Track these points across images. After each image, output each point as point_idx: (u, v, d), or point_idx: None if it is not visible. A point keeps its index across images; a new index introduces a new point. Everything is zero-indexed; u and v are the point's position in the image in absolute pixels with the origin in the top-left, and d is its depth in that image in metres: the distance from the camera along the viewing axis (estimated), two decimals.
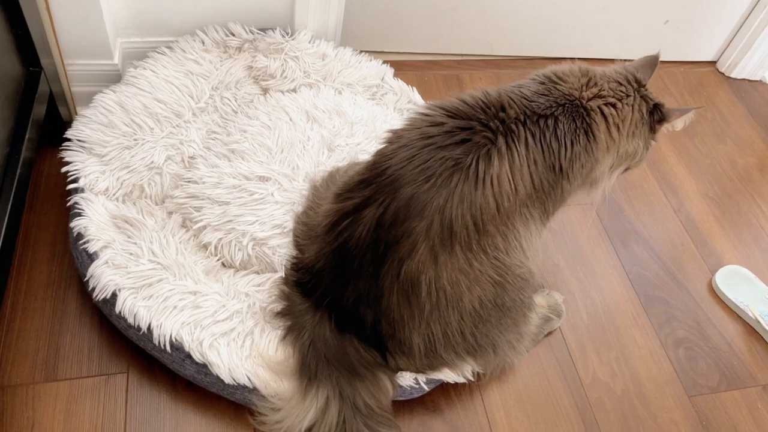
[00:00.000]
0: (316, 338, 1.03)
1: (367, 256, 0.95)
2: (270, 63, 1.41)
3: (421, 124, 0.97)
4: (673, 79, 1.90)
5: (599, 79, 1.04)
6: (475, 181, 0.92)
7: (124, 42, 1.42)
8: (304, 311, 1.05)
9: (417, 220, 0.92)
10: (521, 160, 0.95)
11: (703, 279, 1.43)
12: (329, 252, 1.00)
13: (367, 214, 0.94)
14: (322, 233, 1.01)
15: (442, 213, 0.92)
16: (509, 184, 0.95)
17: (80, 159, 1.21)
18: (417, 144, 0.94)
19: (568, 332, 1.29)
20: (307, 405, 1.00)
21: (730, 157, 1.71)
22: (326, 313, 1.03)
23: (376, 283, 0.96)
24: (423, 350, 1.03)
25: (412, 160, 0.93)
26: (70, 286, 1.18)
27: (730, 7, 1.82)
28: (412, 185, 0.92)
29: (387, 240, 0.93)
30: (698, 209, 1.57)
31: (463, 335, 1.02)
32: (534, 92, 1.01)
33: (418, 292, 0.96)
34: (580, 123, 1.00)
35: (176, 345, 1.03)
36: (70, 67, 1.35)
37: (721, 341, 1.33)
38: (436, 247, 0.93)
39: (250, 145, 1.25)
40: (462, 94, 0.99)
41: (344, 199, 0.99)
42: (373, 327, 1.01)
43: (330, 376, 1.01)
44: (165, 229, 1.17)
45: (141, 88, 1.31)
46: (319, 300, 1.03)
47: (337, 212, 0.99)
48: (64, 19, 1.27)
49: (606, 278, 1.39)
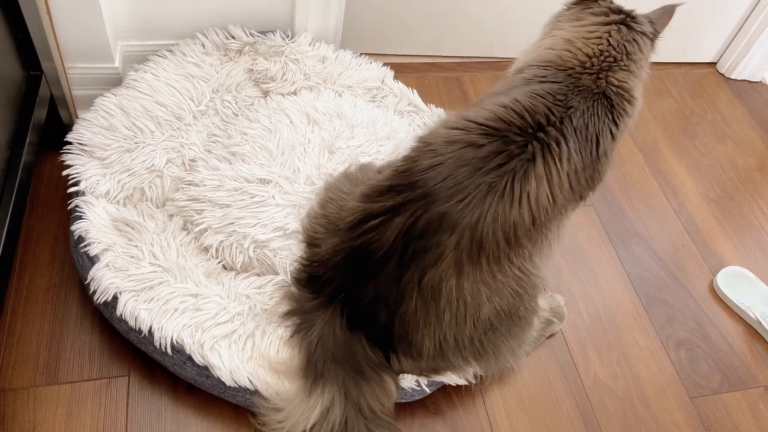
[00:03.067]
0: (326, 334, 1.03)
1: (393, 260, 0.96)
2: (270, 66, 1.42)
3: (457, 141, 0.96)
4: (673, 81, 1.90)
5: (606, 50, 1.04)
6: (510, 200, 0.93)
7: (125, 45, 1.42)
8: (314, 307, 1.05)
9: (447, 234, 0.93)
10: (561, 174, 0.96)
11: (704, 280, 1.43)
12: (350, 248, 1.00)
13: (397, 220, 0.95)
14: (345, 228, 1.02)
15: (473, 230, 0.93)
16: (548, 198, 0.96)
17: (81, 162, 1.21)
18: (451, 164, 0.94)
19: (570, 334, 1.28)
20: (312, 403, 1.00)
21: (730, 158, 1.71)
22: (338, 308, 1.03)
23: (398, 286, 0.97)
24: (432, 354, 1.03)
25: (446, 180, 0.94)
26: (71, 289, 1.18)
27: (729, 8, 1.82)
28: (445, 203, 0.93)
29: (415, 248, 0.95)
30: (699, 210, 1.57)
31: (471, 341, 1.03)
32: (558, 89, 1.00)
33: (438, 299, 0.97)
34: (607, 107, 1.01)
35: (177, 347, 1.03)
36: (71, 71, 1.35)
37: (723, 342, 1.33)
38: (462, 260, 0.95)
39: (250, 147, 1.25)
40: (496, 108, 0.98)
41: (373, 201, 0.99)
42: (385, 326, 1.01)
43: (337, 376, 1.01)
44: (166, 232, 1.17)
45: (141, 91, 1.31)
46: (333, 294, 1.03)
47: (364, 212, 0.99)
48: (65, 23, 1.27)
49: (607, 279, 1.39)
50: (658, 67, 1.93)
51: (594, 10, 1.09)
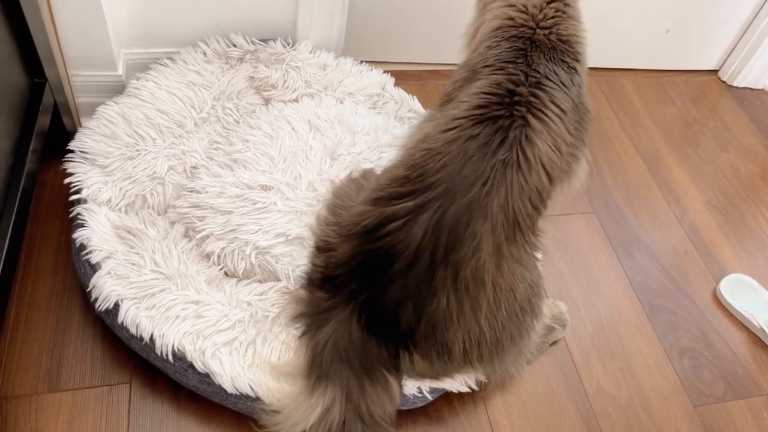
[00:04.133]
0: (338, 334, 1.02)
1: (423, 258, 0.97)
2: (271, 73, 1.42)
3: (457, 138, 1.00)
4: (675, 88, 1.90)
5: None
6: (528, 167, 0.98)
7: (128, 53, 1.42)
8: (328, 307, 1.04)
9: (480, 221, 0.96)
10: (554, 121, 1.02)
11: (707, 287, 1.42)
12: (369, 251, 1.00)
13: (423, 218, 0.97)
14: (359, 232, 1.02)
15: (505, 209, 0.97)
16: (554, 151, 1.01)
17: (83, 170, 1.22)
18: (460, 159, 0.98)
19: (572, 342, 1.28)
20: (314, 403, 0.99)
21: (732, 166, 1.71)
22: (357, 309, 1.02)
23: (429, 284, 0.98)
24: (461, 351, 1.03)
25: (462, 173, 0.97)
26: (73, 296, 1.18)
27: (731, 16, 1.82)
28: (469, 192, 0.96)
29: (447, 243, 0.96)
30: (701, 217, 1.56)
31: (503, 328, 1.04)
32: (518, 52, 1.07)
33: (478, 291, 0.99)
34: (564, 54, 1.10)
35: (178, 355, 1.03)
36: (74, 79, 1.36)
37: (726, 350, 1.32)
38: (501, 243, 0.98)
39: (252, 154, 1.25)
40: (470, 98, 1.04)
41: (389, 205, 1.00)
42: (408, 327, 1.01)
43: (341, 377, 1.01)
44: (167, 239, 1.17)
45: (143, 99, 1.31)
46: (352, 295, 1.02)
47: (381, 215, 1.00)
48: (69, 31, 1.28)
49: (609, 287, 1.39)
50: (659, 74, 1.94)
51: None
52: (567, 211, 1.51)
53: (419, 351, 1.04)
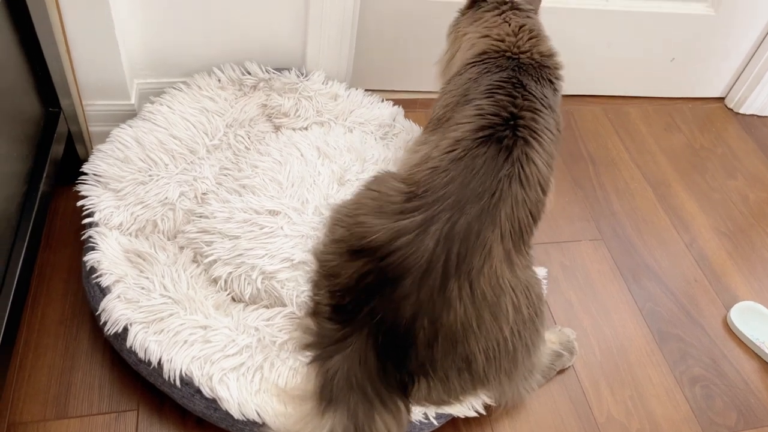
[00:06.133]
0: (352, 361, 1.01)
1: (435, 270, 0.98)
2: (284, 102, 1.44)
3: (462, 157, 1.06)
4: (682, 116, 1.91)
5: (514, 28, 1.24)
6: (527, 182, 1.06)
7: (141, 83, 1.45)
8: (340, 338, 1.03)
9: (490, 230, 1.01)
10: (546, 141, 1.11)
11: (717, 315, 1.41)
12: (380, 268, 1.00)
13: (433, 228, 0.99)
14: (366, 248, 1.02)
15: (512, 220, 1.03)
16: (546, 167, 1.10)
17: (96, 194, 1.23)
18: (467, 173, 1.04)
19: (581, 369, 1.27)
20: (321, 425, 0.98)
21: (741, 192, 1.70)
22: (371, 332, 1.01)
23: (443, 296, 0.98)
24: (483, 363, 1.03)
25: (470, 186, 1.03)
26: (82, 322, 1.19)
27: (736, 43, 1.84)
28: (478, 202, 1.02)
29: (459, 253, 0.98)
30: (711, 244, 1.56)
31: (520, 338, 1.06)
32: (507, 75, 1.16)
33: (496, 298, 1.00)
34: (547, 74, 1.21)
35: (186, 380, 1.03)
36: (88, 108, 1.39)
37: (738, 379, 1.30)
38: (510, 251, 1.03)
39: (261, 180, 1.27)
40: (474, 119, 1.11)
41: (394, 219, 1.02)
42: (427, 344, 1.00)
43: (349, 402, 0.99)
44: (177, 264, 1.18)
45: (157, 123, 1.33)
46: (366, 318, 1.01)
47: (389, 230, 1.01)
48: (84, 61, 1.31)
49: (618, 314, 1.38)
50: (666, 102, 1.95)
51: (486, 7, 1.28)
52: (575, 238, 1.51)
53: (438, 372, 1.03)
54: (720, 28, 1.79)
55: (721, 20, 1.77)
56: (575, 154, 1.73)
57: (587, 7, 1.69)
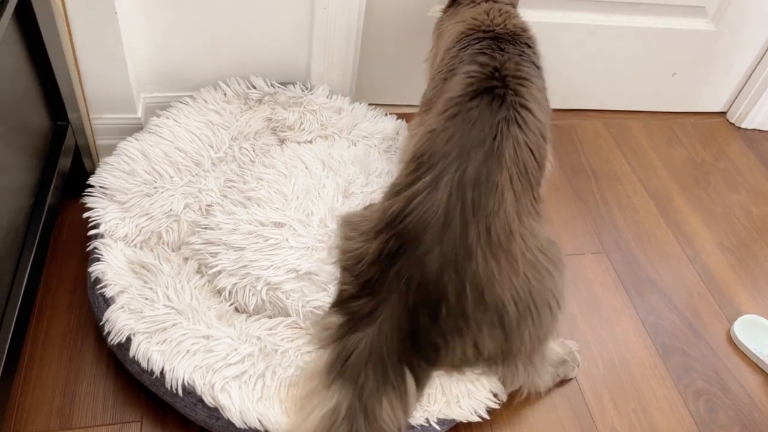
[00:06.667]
0: (381, 330, 1.01)
1: (454, 219, 1.00)
2: (289, 115, 1.46)
3: (457, 114, 1.08)
4: (684, 130, 1.92)
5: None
6: (526, 125, 1.07)
7: (147, 96, 1.47)
8: (370, 309, 1.03)
9: (498, 172, 1.02)
10: (535, 89, 1.13)
11: (721, 329, 1.41)
12: (398, 233, 1.02)
13: (445, 179, 1.01)
14: (386, 223, 1.04)
15: (516, 162, 1.04)
16: (542, 113, 1.12)
17: (102, 205, 1.25)
18: (466, 126, 1.05)
19: (584, 382, 1.27)
20: (329, 395, 0.99)
21: (744, 207, 1.71)
22: (402, 294, 1.01)
23: (465, 244, 0.99)
24: (514, 313, 1.03)
25: (471, 134, 1.04)
26: (87, 334, 1.20)
27: (737, 58, 1.85)
28: (482, 147, 1.03)
29: (473, 198, 1.00)
30: (714, 258, 1.56)
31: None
32: (488, 43, 1.19)
33: (509, 245, 1.01)
34: (524, 40, 1.23)
35: (188, 389, 1.03)
36: (95, 121, 1.40)
37: (742, 392, 1.30)
38: (519, 195, 1.04)
39: (266, 192, 1.28)
40: (463, 78, 1.13)
41: (407, 189, 1.03)
42: (457, 297, 1.00)
43: (357, 380, 1.00)
44: (180, 275, 1.19)
45: (163, 136, 1.35)
46: (394, 281, 1.02)
47: (403, 199, 1.03)
48: (92, 76, 1.33)
49: (622, 328, 1.38)
50: (668, 116, 1.96)
51: (465, 2, 1.32)
52: (577, 251, 1.52)
53: (471, 327, 1.02)
54: (721, 43, 1.80)
55: (722, 36, 1.79)
56: (578, 168, 1.74)
57: (589, 23, 1.71)
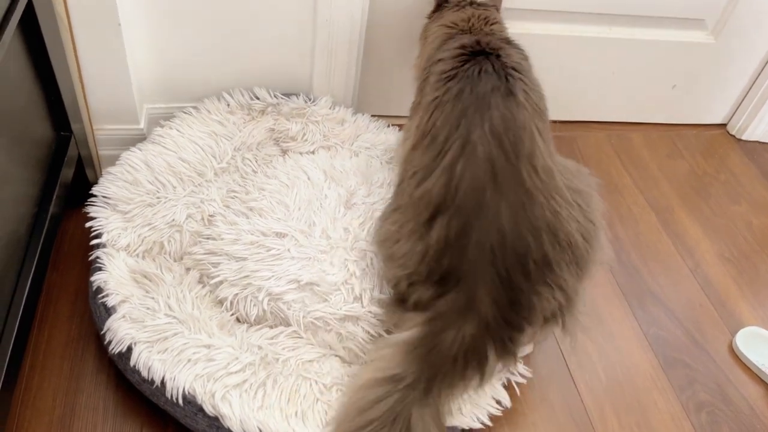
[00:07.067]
0: (478, 313, 0.99)
1: (503, 167, 0.99)
2: (292, 126, 1.47)
3: (456, 75, 1.09)
4: (685, 142, 1.92)
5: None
6: (528, 80, 1.09)
7: (150, 107, 1.48)
8: (462, 302, 1.00)
9: (520, 110, 1.03)
10: (524, 63, 1.15)
11: (723, 341, 1.40)
12: (458, 206, 0.99)
13: (475, 137, 1.00)
14: (438, 203, 1.01)
15: (530, 100, 1.05)
16: (536, 83, 1.13)
17: (104, 215, 1.25)
18: (469, 82, 1.06)
19: (586, 394, 1.26)
20: (403, 363, 0.98)
21: (745, 218, 1.71)
22: (489, 265, 0.98)
23: (524, 188, 0.99)
24: (583, 244, 1.03)
25: (477, 87, 1.04)
26: (88, 344, 1.20)
27: (737, 71, 1.86)
28: (497, 92, 1.03)
29: (510, 140, 1.00)
30: (715, 270, 1.56)
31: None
32: (469, 37, 1.20)
33: (554, 179, 1.03)
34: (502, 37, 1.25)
35: (189, 398, 1.03)
36: (98, 132, 1.41)
37: (744, 405, 1.29)
38: (541, 130, 1.05)
39: (268, 202, 1.28)
40: (444, 59, 1.15)
41: (436, 157, 1.03)
42: (538, 246, 0.99)
43: (435, 366, 0.98)
44: (182, 285, 1.19)
45: (166, 147, 1.36)
46: (476, 256, 0.98)
47: (444, 172, 1.01)
48: (95, 87, 1.34)
49: (624, 339, 1.37)
50: (668, 128, 1.97)
51: (448, 7, 1.34)
52: None
53: (554, 270, 1.01)
54: (720, 56, 1.81)
55: (721, 48, 1.80)
56: None
57: (590, 35, 1.72)
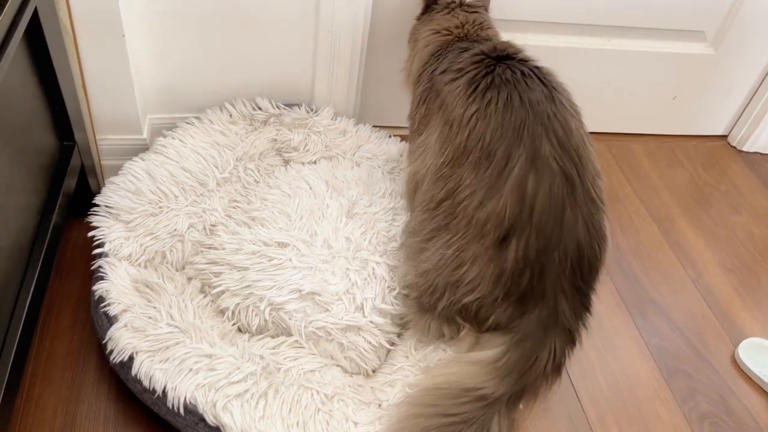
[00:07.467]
0: (563, 322, 1.06)
1: (576, 182, 1.05)
2: (294, 136, 1.47)
3: (491, 83, 1.11)
4: (686, 153, 1.93)
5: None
6: (553, 76, 1.14)
7: (153, 118, 1.49)
8: (545, 317, 1.04)
9: (570, 117, 1.08)
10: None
11: (725, 351, 1.40)
12: (538, 222, 1.02)
13: (547, 151, 1.03)
14: (513, 222, 1.02)
15: (572, 105, 1.12)
16: None
17: (107, 225, 1.25)
18: (509, 86, 1.09)
19: (588, 404, 1.26)
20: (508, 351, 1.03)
21: (746, 229, 1.71)
22: (569, 273, 1.03)
23: (589, 196, 1.07)
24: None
25: (517, 87, 1.08)
26: (89, 354, 1.20)
27: (737, 82, 1.86)
28: (549, 102, 1.08)
29: (576, 153, 1.06)
30: (717, 280, 1.55)
31: None
32: (465, 45, 1.24)
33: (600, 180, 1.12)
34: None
35: (190, 408, 1.03)
36: (101, 142, 1.42)
37: (747, 416, 1.29)
38: (587, 137, 1.11)
39: (270, 212, 1.29)
40: (461, 69, 1.16)
41: (500, 175, 1.03)
42: (599, 245, 1.07)
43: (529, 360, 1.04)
44: (184, 294, 1.19)
45: (169, 157, 1.36)
46: (556, 271, 1.02)
47: (514, 188, 1.02)
48: (99, 97, 1.34)
49: (625, 349, 1.37)
50: (669, 139, 1.97)
51: (437, 9, 1.34)
52: None
53: (602, 262, 1.09)
54: (720, 67, 1.82)
55: (721, 60, 1.80)
56: None
57: (589, 47, 1.73)
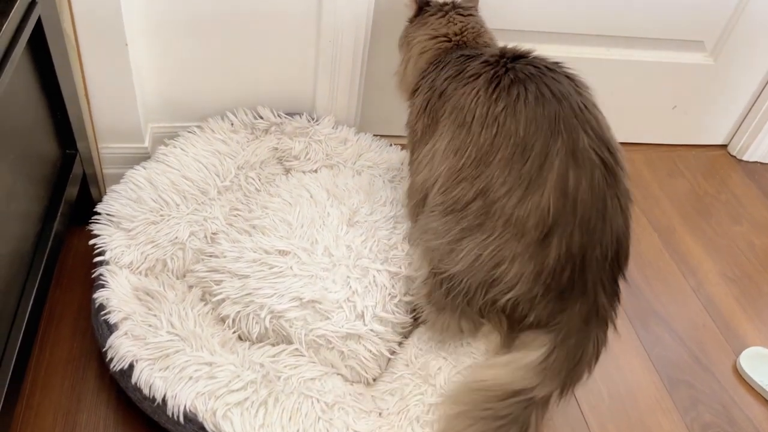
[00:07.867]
0: (601, 314, 1.08)
1: (615, 173, 1.05)
2: (295, 145, 1.48)
3: (513, 82, 1.10)
4: (686, 162, 1.93)
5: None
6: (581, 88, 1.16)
7: (155, 126, 1.50)
8: (584, 313, 1.05)
9: (595, 108, 1.15)
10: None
11: (727, 361, 1.40)
12: (581, 216, 1.00)
13: (587, 143, 1.05)
14: (556, 218, 1.00)
15: (593, 98, 1.17)
16: None
17: (108, 233, 1.25)
18: (532, 83, 1.08)
19: (590, 414, 1.25)
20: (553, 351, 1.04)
21: (746, 238, 1.71)
22: (609, 264, 1.04)
23: (620, 188, 1.05)
24: None
25: (541, 81, 1.08)
26: (89, 362, 1.19)
27: (736, 92, 1.87)
28: (577, 94, 1.11)
29: (610, 143, 1.09)
30: (718, 290, 1.55)
31: None
32: (465, 51, 1.23)
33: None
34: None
35: (190, 416, 1.02)
36: (103, 150, 1.42)
37: (749, 426, 1.28)
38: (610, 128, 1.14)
39: (271, 220, 1.29)
40: (471, 74, 1.15)
41: (539, 171, 1.02)
42: (630, 234, 1.06)
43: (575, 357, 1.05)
44: (184, 302, 1.19)
45: (170, 165, 1.37)
46: (597, 265, 1.02)
47: (556, 183, 1.01)
48: (101, 106, 1.35)
49: (627, 360, 1.37)
50: (669, 149, 1.98)
51: (431, 12, 1.32)
52: None
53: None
54: (719, 77, 1.82)
55: (720, 69, 1.81)
56: None
57: (589, 56, 1.74)
